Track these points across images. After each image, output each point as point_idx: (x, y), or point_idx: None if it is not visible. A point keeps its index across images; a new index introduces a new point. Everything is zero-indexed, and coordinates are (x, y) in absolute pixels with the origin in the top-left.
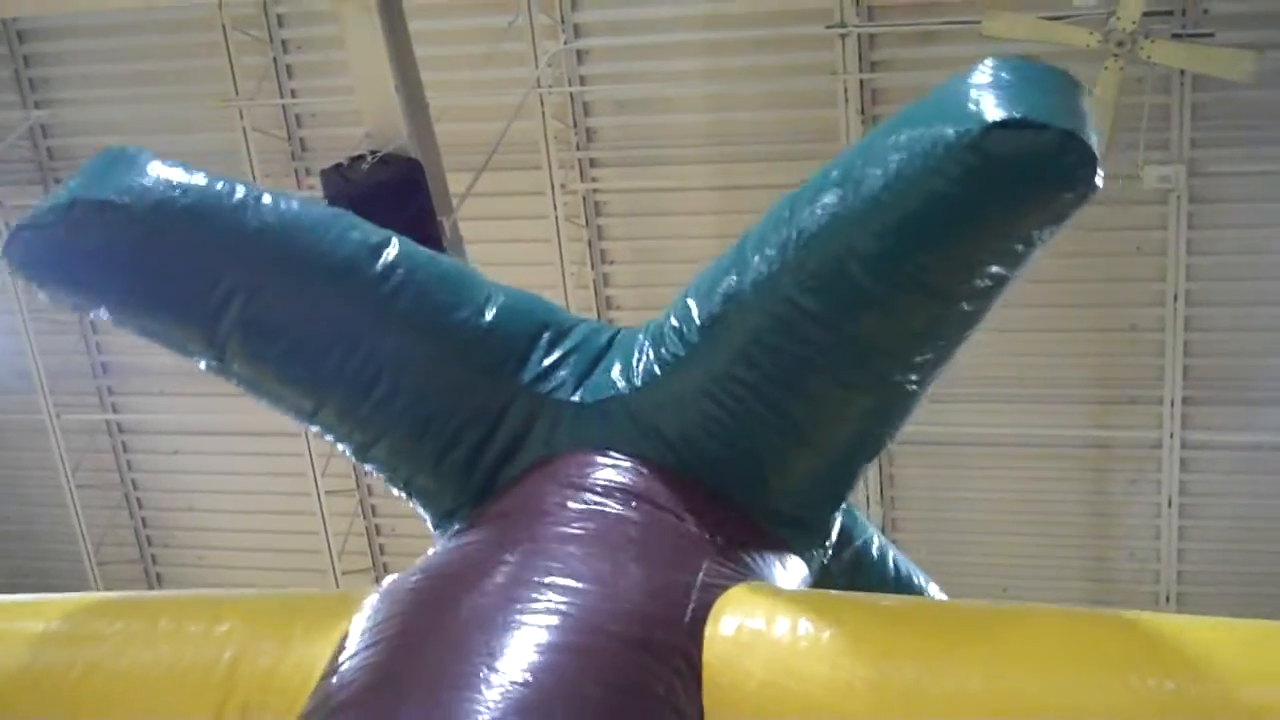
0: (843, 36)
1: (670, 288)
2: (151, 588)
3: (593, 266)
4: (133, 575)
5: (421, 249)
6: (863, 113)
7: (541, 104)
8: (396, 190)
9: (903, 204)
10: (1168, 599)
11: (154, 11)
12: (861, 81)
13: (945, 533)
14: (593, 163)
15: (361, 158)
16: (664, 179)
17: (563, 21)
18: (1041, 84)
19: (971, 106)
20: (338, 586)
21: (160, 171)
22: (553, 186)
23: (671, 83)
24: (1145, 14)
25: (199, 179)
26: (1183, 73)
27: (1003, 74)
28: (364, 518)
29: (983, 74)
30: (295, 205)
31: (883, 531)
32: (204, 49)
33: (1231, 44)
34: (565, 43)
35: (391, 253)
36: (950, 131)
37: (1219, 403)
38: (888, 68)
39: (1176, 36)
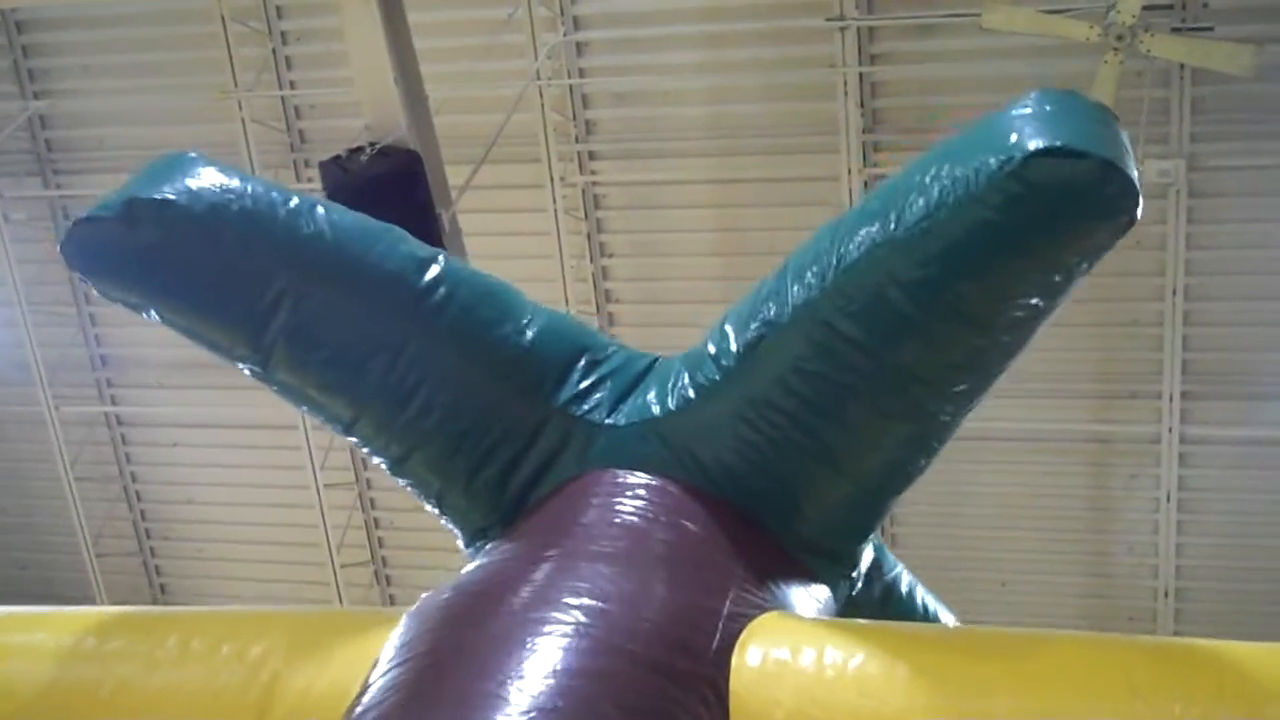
0: (842, 29)
1: (670, 281)
2: (150, 581)
3: (592, 259)
4: (132, 568)
5: (467, 266)
6: (862, 106)
7: (541, 96)
8: (395, 182)
9: (945, 231)
10: (1166, 594)
11: (153, 2)
12: (861, 75)
13: (944, 527)
14: (592, 155)
15: (360, 149)
16: (663, 172)
17: (562, 14)
18: (1083, 115)
19: (1014, 136)
20: (336, 578)
21: (217, 176)
22: (552, 179)
23: (671, 75)
24: (1145, 7)
25: (255, 185)
26: (1182, 67)
27: (1045, 105)
28: (363, 510)
29: (1026, 105)
30: (347, 217)
31: (882, 526)
32: (203, 40)
33: (1231, 38)
34: (564, 35)
35: (438, 268)
36: (993, 160)
37: (1218, 397)
38: (887, 61)
39: (1176, 30)
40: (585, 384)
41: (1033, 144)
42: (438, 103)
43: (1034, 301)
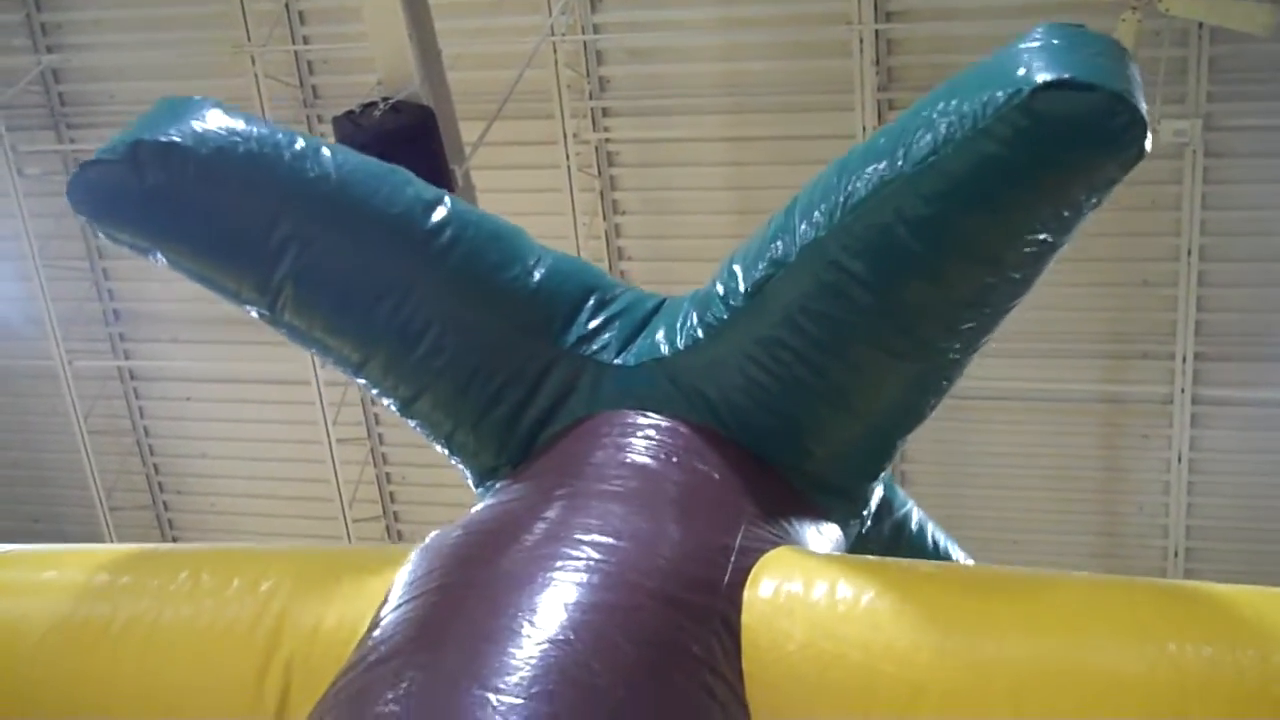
0: None
1: (683, 239)
2: (163, 535)
3: (605, 217)
4: (145, 522)
5: (474, 209)
6: (877, 63)
7: (554, 52)
8: (408, 138)
9: (952, 167)
10: (1176, 553)
11: None
12: (877, 32)
13: (956, 486)
14: (605, 112)
15: (374, 105)
16: (677, 129)
17: None
18: (1091, 48)
19: (1021, 70)
20: (348, 533)
21: (223, 118)
22: (565, 136)
23: (685, 32)
24: None
25: (261, 127)
26: (1200, 25)
27: (1053, 39)
28: (374, 465)
29: (1034, 39)
30: (352, 159)
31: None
32: None
33: None
34: None
35: (444, 210)
36: (1000, 94)
37: (1231, 359)
38: (903, 18)
39: None
40: (593, 324)
41: (1040, 77)
42: (451, 58)
43: (1043, 237)
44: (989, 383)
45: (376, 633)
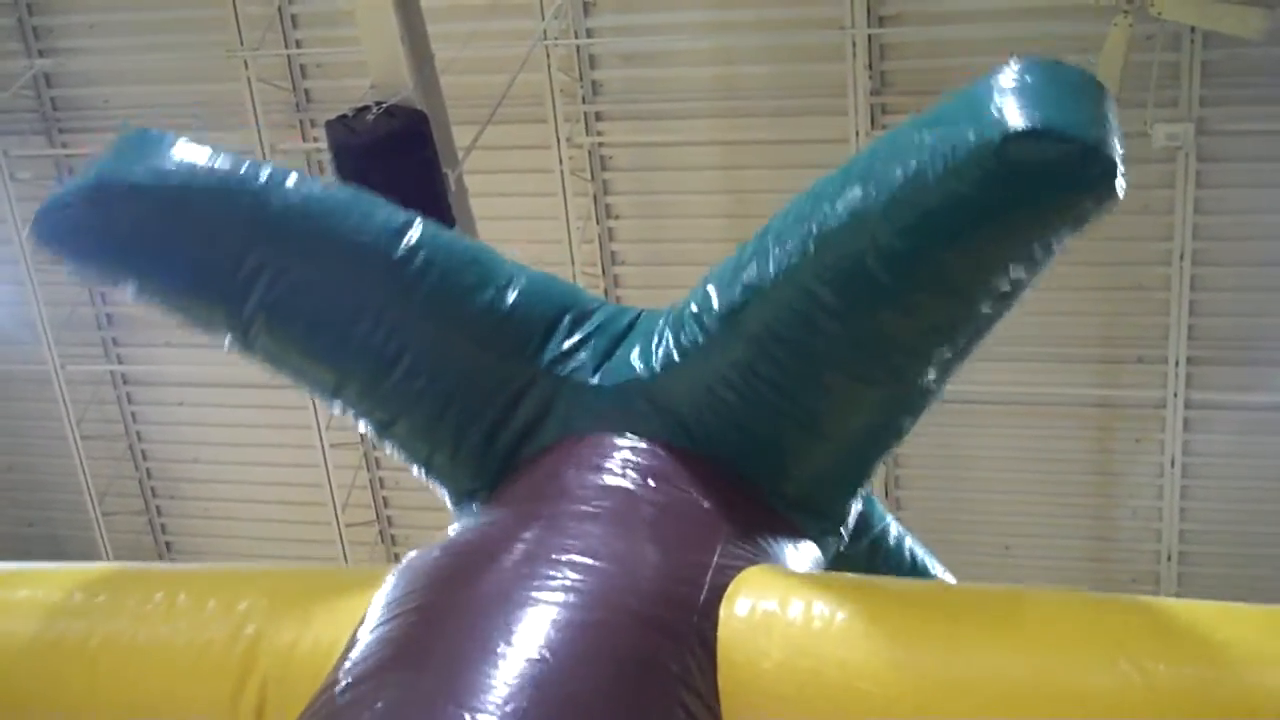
0: None
1: (676, 243)
2: (156, 540)
3: (598, 221)
4: (138, 527)
5: (444, 231)
6: (870, 68)
7: (547, 56)
8: (401, 142)
9: (924, 203)
10: (1169, 558)
11: None
12: (869, 36)
13: (949, 491)
14: (598, 116)
15: (366, 109)
16: (670, 133)
17: None
18: (1066, 88)
19: (994, 112)
20: (341, 538)
21: (185, 153)
22: (558, 140)
23: (678, 36)
24: None
25: (224, 161)
26: (1193, 30)
27: (1027, 77)
28: (368, 470)
29: (1007, 76)
30: (319, 188)
31: (886, 490)
32: None
33: (1243, 1)
34: None
35: (414, 235)
36: (971, 135)
37: (1224, 363)
38: (896, 22)
39: None
40: (569, 344)
41: (1013, 123)
42: (444, 62)
43: (1013, 273)
44: (982, 387)
45: (353, 653)
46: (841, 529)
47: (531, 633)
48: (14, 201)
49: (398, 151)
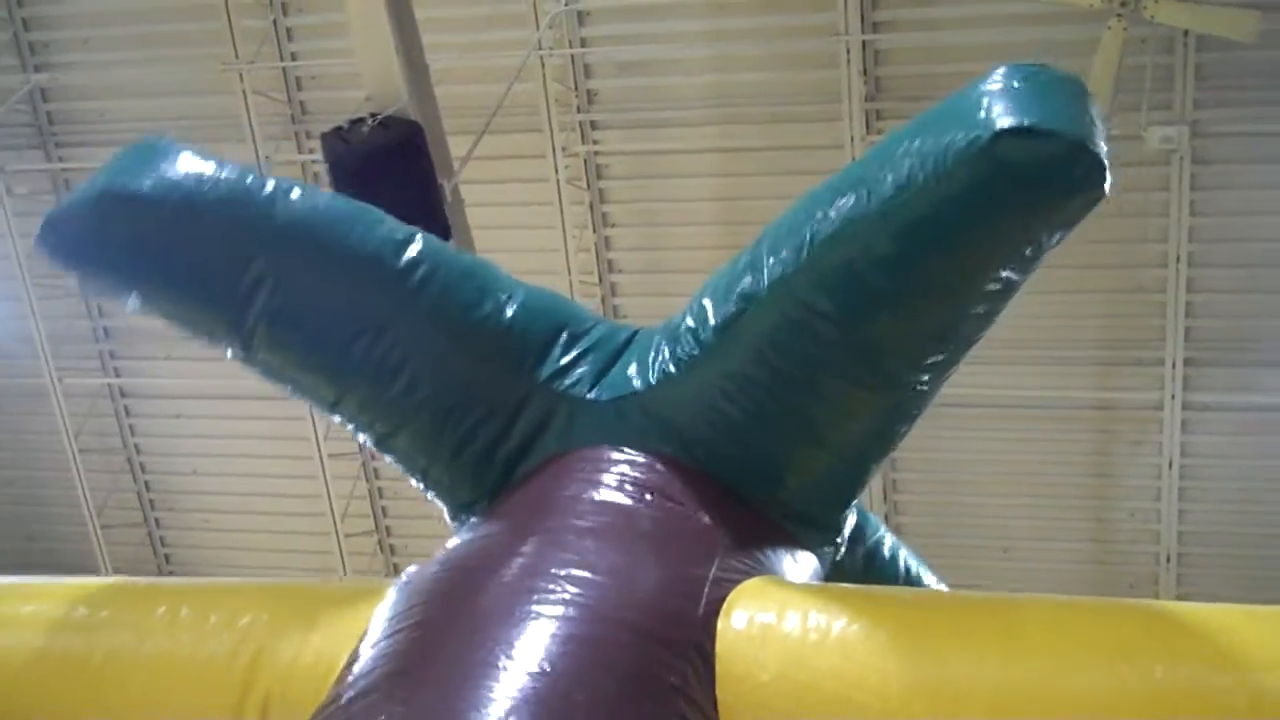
0: None
1: (672, 251)
2: (155, 552)
3: (594, 230)
4: (137, 539)
5: (445, 245)
6: (865, 74)
7: (543, 66)
8: (397, 153)
9: (915, 207)
10: (1168, 559)
11: None
12: (864, 42)
13: (947, 494)
14: (594, 125)
15: (362, 120)
16: (666, 141)
17: None
18: (1052, 91)
19: (982, 114)
20: (340, 548)
21: (190, 164)
22: (554, 149)
23: (673, 44)
24: None
25: (230, 171)
26: (1186, 33)
27: (1014, 81)
28: (366, 480)
29: (995, 81)
30: (322, 200)
31: (884, 493)
32: (204, 12)
33: (1235, 4)
34: (566, 4)
35: (416, 249)
36: (960, 138)
37: (1221, 364)
38: (890, 28)
39: None
40: (567, 359)
41: (1001, 123)
42: (439, 73)
43: (1005, 274)
44: (979, 390)
45: (355, 668)
46: (838, 539)
47: (531, 647)
48: (10, 216)
49: (393, 163)
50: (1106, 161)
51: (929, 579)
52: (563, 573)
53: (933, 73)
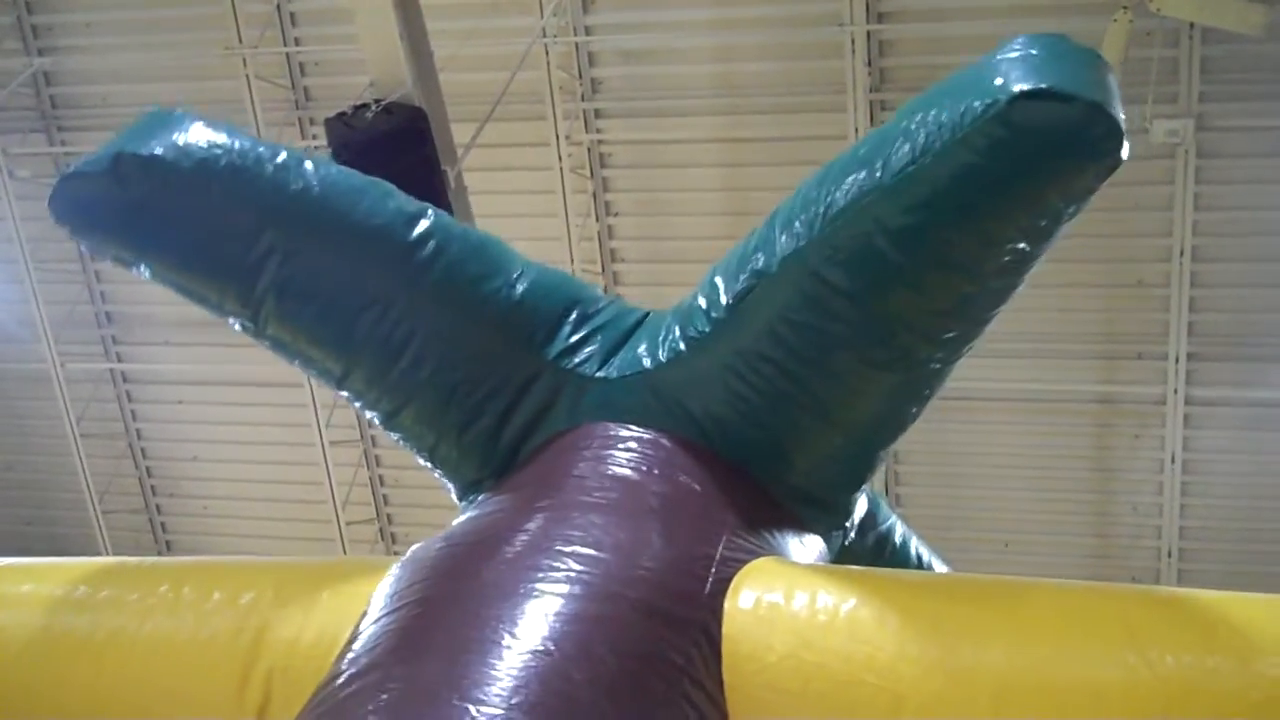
0: None
1: (675, 240)
2: (156, 537)
3: (597, 218)
4: (137, 525)
5: (456, 222)
6: (869, 64)
7: (547, 54)
8: (400, 139)
9: (931, 177)
10: (1169, 553)
11: None
12: (869, 33)
13: (949, 487)
14: (598, 113)
15: (365, 106)
16: (670, 130)
17: None
18: (1069, 58)
19: (999, 80)
20: (341, 534)
21: (205, 132)
22: (557, 137)
23: (678, 33)
24: None
25: (243, 141)
26: (1192, 26)
27: (1031, 49)
28: (367, 468)
29: (1012, 49)
30: (335, 171)
31: (886, 486)
32: None
33: None
34: None
35: (426, 223)
36: (978, 104)
37: (1224, 359)
38: (895, 19)
39: None
40: (576, 337)
41: (1017, 87)
42: (443, 60)
43: (1021, 246)
44: (982, 383)
45: (357, 644)
46: (846, 522)
47: (535, 624)
48: (13, 200)
49: (397, 149)
50: (1124, 128)
51: (940, 569)
52: (568, 549)
53: (937, 64)
